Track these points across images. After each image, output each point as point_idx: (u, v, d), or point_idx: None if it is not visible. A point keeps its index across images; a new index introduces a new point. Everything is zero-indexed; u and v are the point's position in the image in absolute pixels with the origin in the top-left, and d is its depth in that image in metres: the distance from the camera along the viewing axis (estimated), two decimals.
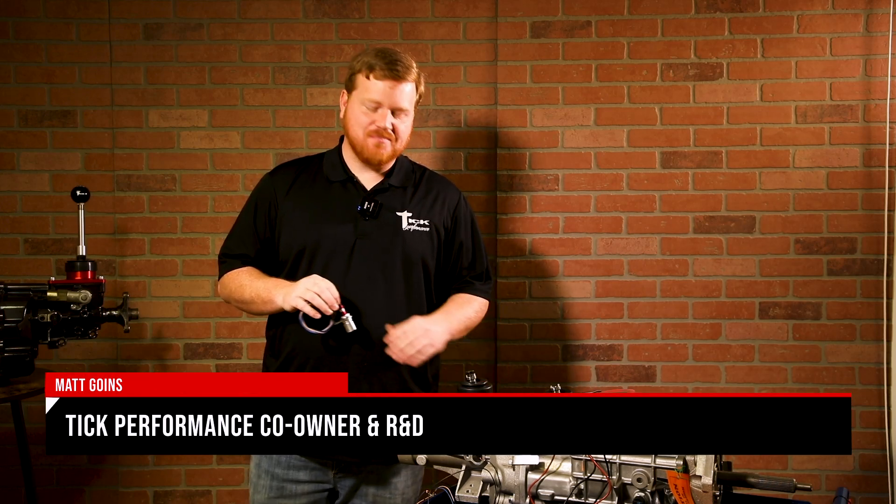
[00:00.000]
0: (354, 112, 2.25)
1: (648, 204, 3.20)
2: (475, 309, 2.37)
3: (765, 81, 3.17)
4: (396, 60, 2.22)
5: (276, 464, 2.27)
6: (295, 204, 2.28)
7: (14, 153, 3.23)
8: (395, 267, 2.23)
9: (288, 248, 2.26)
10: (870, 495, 3.19)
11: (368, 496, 2.29)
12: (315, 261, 2.23)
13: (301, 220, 2.26)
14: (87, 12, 3.20)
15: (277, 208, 2.29)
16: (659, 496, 1.66)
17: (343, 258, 2.22)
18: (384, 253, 2.23)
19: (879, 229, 3.15)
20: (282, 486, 2.26)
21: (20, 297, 2.60)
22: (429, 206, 2.32)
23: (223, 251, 2.36)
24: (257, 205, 2.32)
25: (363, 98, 2.23)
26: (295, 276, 2.24)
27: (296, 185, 2.31)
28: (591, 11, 3.19)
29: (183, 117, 3.23)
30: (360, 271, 2.21)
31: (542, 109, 3.21)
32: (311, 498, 2.27)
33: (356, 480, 2.29)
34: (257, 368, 3.17)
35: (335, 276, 2.19)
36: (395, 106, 2.23)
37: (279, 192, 2.30)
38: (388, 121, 2.22)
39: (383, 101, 2.21)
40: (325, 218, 2.25)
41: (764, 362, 3.20)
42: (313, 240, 2.23)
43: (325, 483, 2.28)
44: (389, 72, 2.20)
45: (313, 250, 2.23)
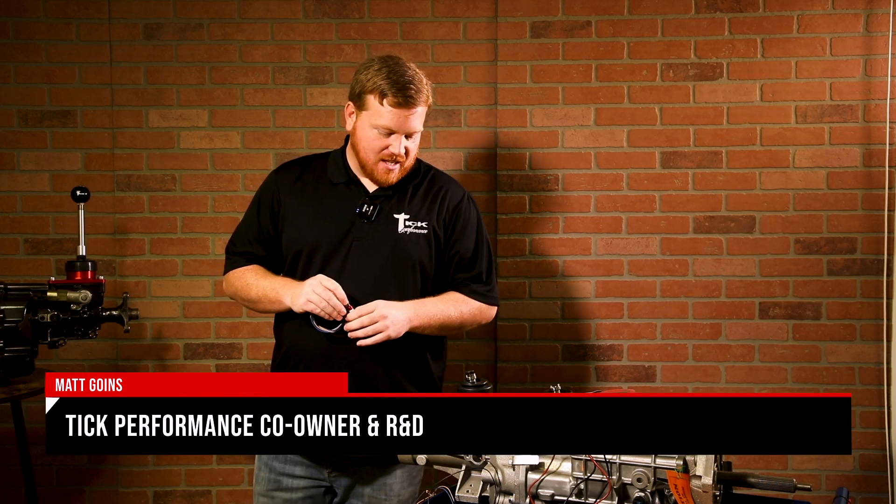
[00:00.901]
0: (366, 134, 2.20)
1: (648, 204, 3.20)
2: (465, 310, 2.29)
3: (765, 81, 3.17)
4: (409, 86, 2.15)
5: (274, 457, 2.29)
6: (297, 203, 2.28)
7: (14, 153, 3.23)
8: (388, 270, 2.22)
9: (288, 247, 2.28)
10: (870, 495, 3.19)
11: (364, 496, 2.29)
12: (312, 262, 2.23)
13: (301, 219, 2.26)
14: (87, 12, 3.20)
15: (281, 205, 2.29)
16: (659, 496, 1.66)
17: (339, 260, 2.22)
18: (379, 256, 2.22)
19: (879, 229, 3.15)
20: (278, 480, 2.28)
21: (20, 297, 2.60)
22: (428, 207, 2.29)
23: (229, 248, 2.37)
24: (261, 202, 2.33)
25: (376, 123, 2.18)
26: (293, 275, 2.25)
27: (298, 183, 2.30)
28: (591, 11, 3.19)
29: (183, 117, 3.23)
30: (355, 274, 2.20)
31: (542, 109, 3.21)
32: (308, 493, 2.28)
33: (351, 480, 2.29)
34: (257, 368, 3.19)
35: (331, 277, 2.18)
36: (408, 131, 2.19)
37: (283, 189, 2.30)
38: (402, 146, 2.19)
39: (396, 129, 2.18)
40: (323, 219, 2.25)
41: (764, 362, 3.20)
42: (311, 240, 2.23)
43: (321, 480, 2.29)
44: (403, 99, 2.15)
45: (311, 251, 2.23)
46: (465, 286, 2.32)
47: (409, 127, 2.19)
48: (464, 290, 2.31)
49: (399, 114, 2.16)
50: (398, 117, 2.16)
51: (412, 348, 2.24)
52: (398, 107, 2.15)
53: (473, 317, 2.32)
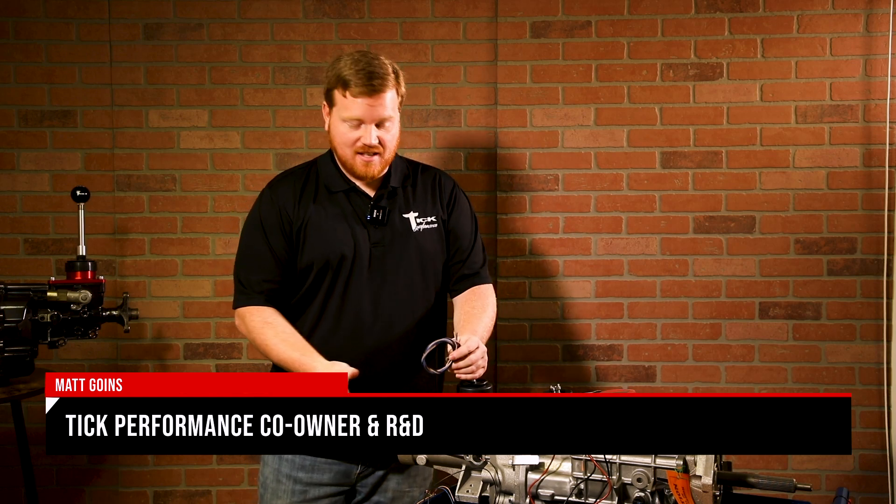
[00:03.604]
0: (338, 129, 2.18)
1: (648, 204, 3.20)
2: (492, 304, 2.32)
3: (765, 81, 3.17)
4: (371, 73, 2.11)
5: (298, 468, 2.23)
6: (309, 217, 2.22)
7: (14, 153, 3.23)
8: (412, 269, 2.22)
9: (308, 262, 2.20)
10: (870, 495, 3.19)
11: (388, 491, 2.29)
12: (339, 274, 2.19)
13: (319, 232, 2.21)
14: (87, 12, 3.20)
15: (291, 223, 2.21)
16: (659, 496, 1.66)
17: (363, 268, 2.19)
18: (401, 257, 2.22)
19: (879, 229, 3.15)
20: (305, 490, 2.24)
21: (20, 297, 2.60)
22: (430, 202, 2.30)
23: (239, 279, 2.25)
24: (268, 225, 2.22)
25: (344, 116, 2.15)
26: (318, 290, 2.20)
27: (303, 198, 2.24)
28: (591, 11, 3.19)
29: (183, 117, 3.23)
30: (386, 279, 2.19)
31: (542, 109, 3.21)
32: (332, 501, 2.26)
33: (379, 477, 2.28)
34: (257, 368, 3.19)
35: (358, 286, 2.18)
36: (377, 119, 2.15)
37: (287, 207, 2.22)
38: (374, 135, 2.15)
39: (364, 118, 2.14)
40: (340, 229, 2.21)
41: (764, 362, 3.20)
42: (336, 252, 2.18)
43: (346, 485, 2.27)
44: (366, 87, 2.11)
45: (337, 263, 2.19)
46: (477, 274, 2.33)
47: (377, 115, 2.14)
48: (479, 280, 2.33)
49: (364, 102, 2.13)
50: (363, 106, 2.13)
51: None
52: (362, 95, 2.12)
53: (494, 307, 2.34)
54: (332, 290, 2.20)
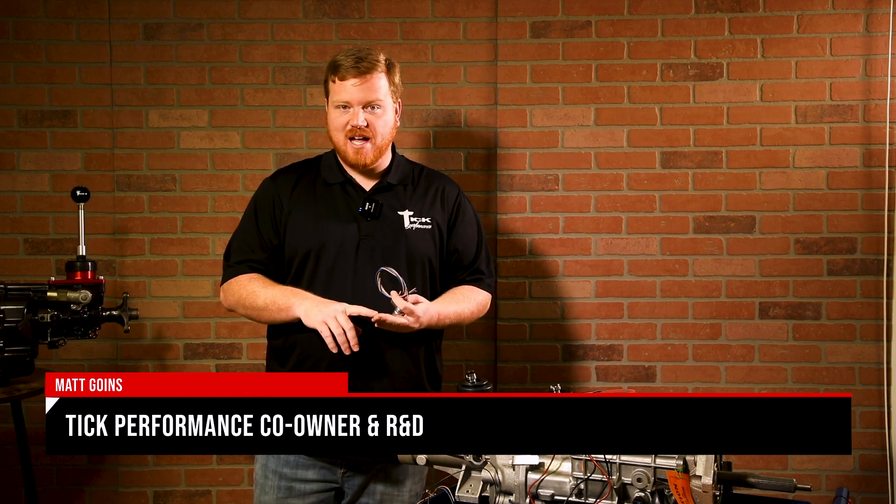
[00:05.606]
0: (331, 116, 2.27)
1: (648, 204, 3.20)
2: (477, 301, 2.35)
3: (765, 81, 3.17)
4: (359, 57, 2.21)
5: (283, 463, 2.26)
6: (298, 207, 2.28)
7: (14, 153, 3.22)
8: (399, 265, 2.22)
9: (293, 251, 2.25)
10: (870, 495, 3.19)
11: (376, 494, 2.29)
12: (321, 263, 2.23)
13: (305, 222, 2.26)
14: (87, 12, 3.20)
15: (282, 211, 2.28)
16: (659, 496, 1.66)
17: (349, 259, 2.22)
18: (388, 252, 2.23)
19: (879, 229, 3.15)
20: (290, 486, 2.26)
21: (20, 297, 2.60)
22: (429, 204, 2.32)
23: (228, 259, 2.32)
24: (261, 209, 2.30)
25: (334, 101, 2.25)
26: (301, 278, 2.24)
27: (298, 188, 2.30)
28: (591, 11, 3.19)
29: (183, 117, 3.23)
30: (367, 271, 2.20)
31: (542, 109, 3.21)
32: (319, 497, 2.27)
33: (364, 479, 2.29)
34: (257, 368, 3.19)
35: (342, 276, 2.19)
36: (365, 101, 2.22)
37: (283, 195, 2.29)
38: (361, 117, 2.22)
39: (352, 100, 2.21)
40: (328, 220, 2.25)
41: (764, 362, 3.20)
42: (318, 242, 2.23)
43: (333, 482, 2.28)
44: (353, 69, 2.20)
45: (318, 252, 2.23)
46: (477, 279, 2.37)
47: (365, 96, 2.21)
48: (477, 282, 2.37)
49: (352, 84, 2.21)
50: (351, 88, 2.21)
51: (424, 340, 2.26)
52: (350, 76, 2.20)
53: (480, 307, 2.37)
54: (313, 279, 2.22)
